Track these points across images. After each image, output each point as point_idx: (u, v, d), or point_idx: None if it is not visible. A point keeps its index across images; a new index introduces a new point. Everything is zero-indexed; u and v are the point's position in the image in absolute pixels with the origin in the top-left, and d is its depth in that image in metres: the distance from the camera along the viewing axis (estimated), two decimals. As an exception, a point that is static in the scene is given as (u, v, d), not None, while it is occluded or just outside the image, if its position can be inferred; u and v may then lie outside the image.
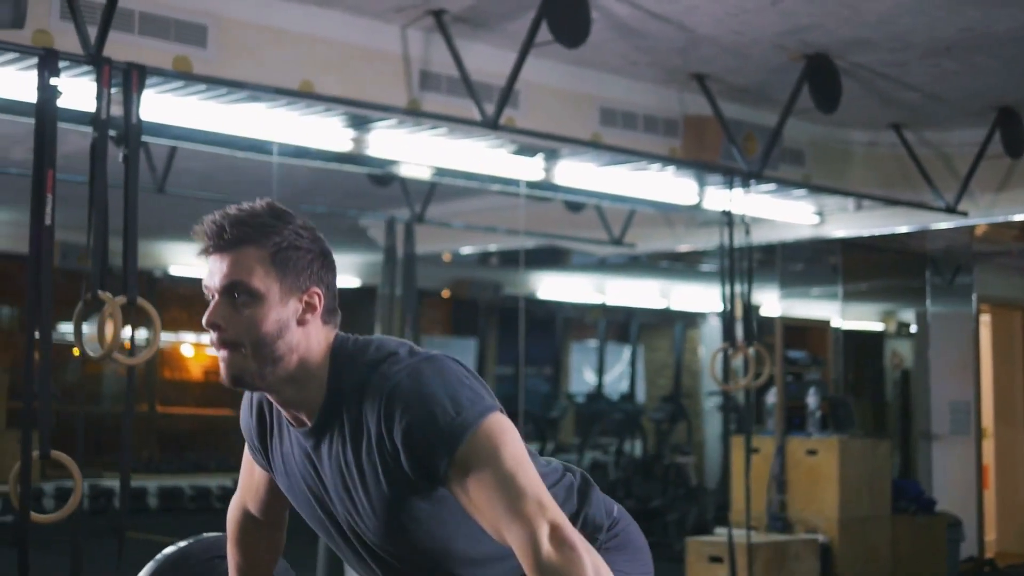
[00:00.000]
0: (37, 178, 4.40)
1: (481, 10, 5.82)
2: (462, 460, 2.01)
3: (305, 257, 2.13)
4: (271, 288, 2.10)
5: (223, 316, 2.10)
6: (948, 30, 5.99)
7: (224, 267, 2.10)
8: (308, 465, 2.23)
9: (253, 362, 2.10)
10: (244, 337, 2.09)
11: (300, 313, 2.12)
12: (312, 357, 2.14)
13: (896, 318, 12.00)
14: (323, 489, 2.23)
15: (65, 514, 4.46)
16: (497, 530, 2.00)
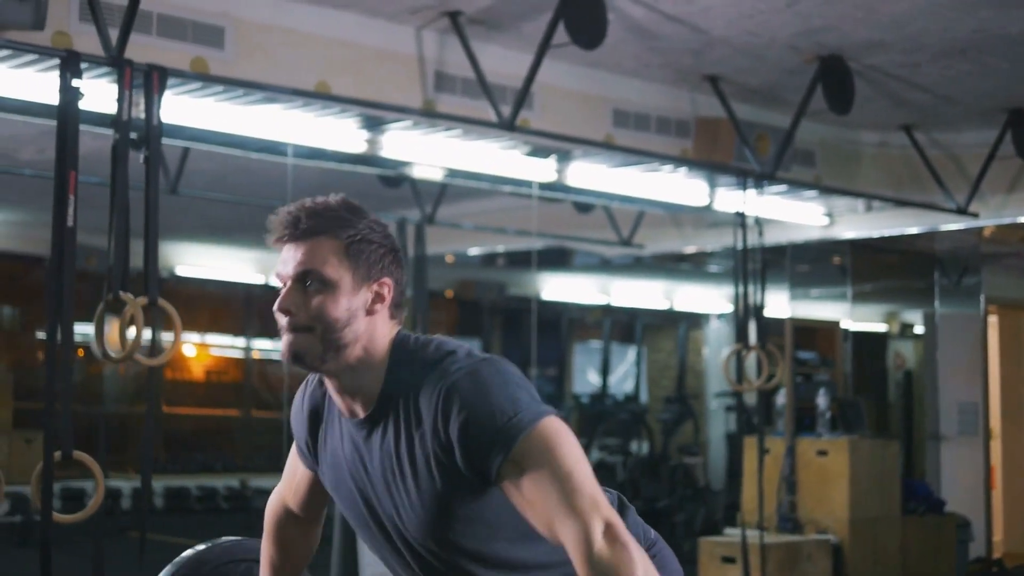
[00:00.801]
0: (59, 179, 4.41)
1: (496, 12, 5.83)
2: (518, 458, 2.03)
3: (377, 251, 2.19)
4: (343, 277, 2.16)
5: (294, 302, 2.16)
6: (962, 31, 6.00)
7: (299, 255, 2.16)
8: (356, 457, 2.26)
9: (319, 346, 2.16)
10: (314, 323, 2.15)
11: (369, 303, 2.19)
12: (375, 348, 2.19)
13: (899, 319, 12.01)
14: (368, 482, 2.25)
15: (87, 514, 4.47)
16: (550, 526, 2.01)
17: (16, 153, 7.76)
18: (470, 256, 10.97)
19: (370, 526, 2.31)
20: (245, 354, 13.14)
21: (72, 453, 4.41)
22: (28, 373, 12.09)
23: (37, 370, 12.17)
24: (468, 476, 2.10)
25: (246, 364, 13.16)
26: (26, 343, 12.26)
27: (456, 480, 2.12)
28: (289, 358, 2.18)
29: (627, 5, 5.69)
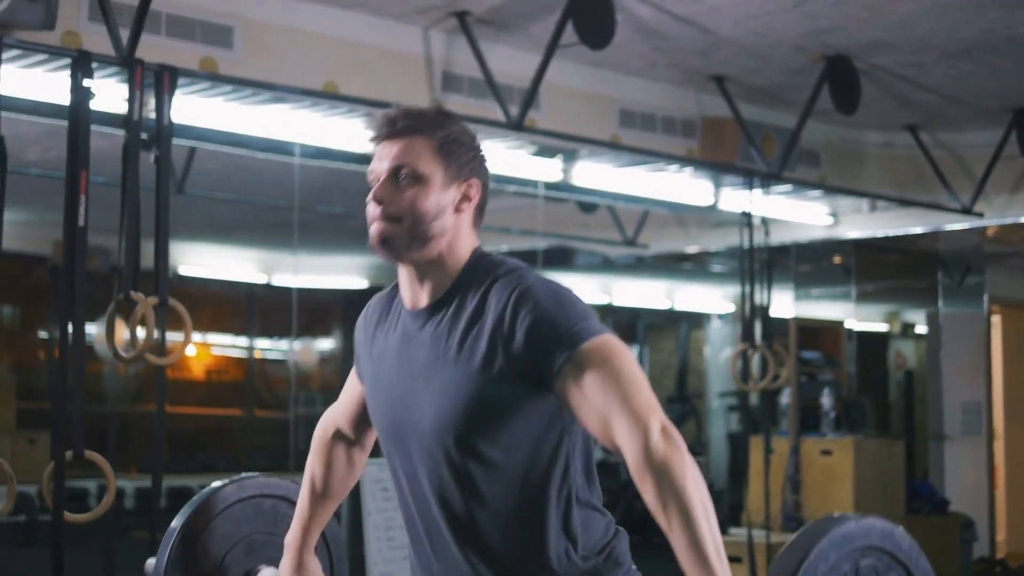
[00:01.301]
0: (71, 179, 4.42)
1: (504, 12, 5.84)
2: (582, 358, 2.10)
3: (467, 153, 2.32)
4: (435, 173, 2.27)
5: (388, 193, 2.27)
6: (969, 32, 6.01)
7: (394, 151, 2.28)
8: (404, 350, 2.32)
9: (406, 235, 2.26)
10: (405, 213, 2.26)
11: (457, 202, 2.30)
12: (457, 246, 2.31)
13: (900, 318, 12.03)
14: (409, 374, 2.30)
15: (98, 513, 4.48)
16: (605, 423, 2.07)
17: (21, 153, 7.76)
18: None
19: (396, 432, 2.34)
20: (248, 354, 13.14)
21: (84, 453, 4.42)
22: (30, 373, 12.09)
23: (39, 370, 12.18)
24: (522, 371, 2.15)
25: (249, 364, 13.15)
26: (28, 343, 12.26)
27: (501, 376, 2.17)
28: (377, 243, 2.28)
29: (635, 5, 5.70)
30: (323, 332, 13.48)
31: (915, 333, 12.04)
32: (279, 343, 13.26)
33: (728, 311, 13.21)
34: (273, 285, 11.60)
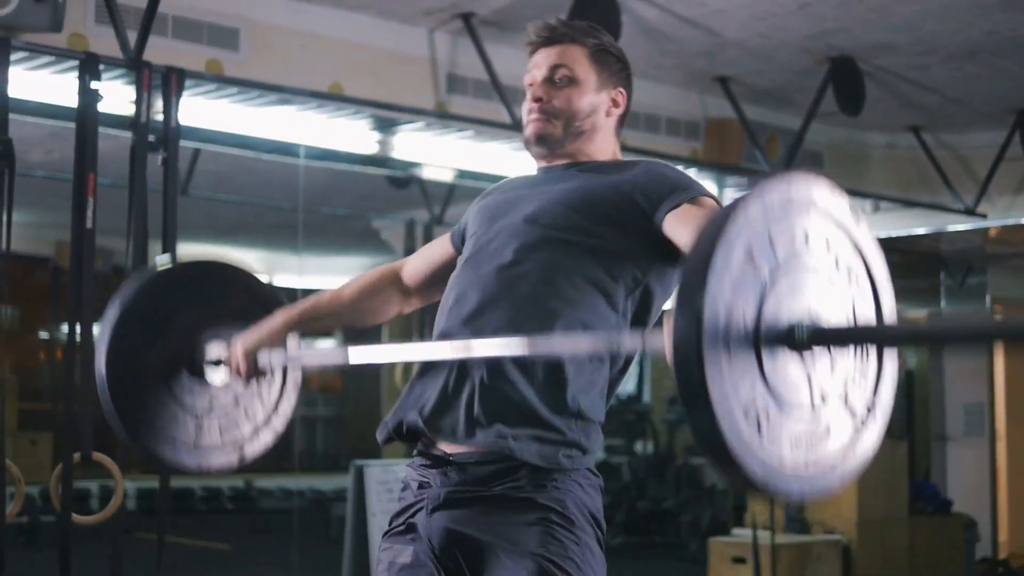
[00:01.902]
0: (78, 181, 4.43)
1: (509, 13, 5.85)
2: (688, 202, 2.31)
3: (617, 63, 2.53)
4: (589, 76, 2.47)
5: (547, 92, 2.46)
6: (973, 34, 6.02)
7: (552, 56, 2.47)
8: (526, 191, 2.48)
9: (560, 130, 2.46)
10: (560, 110, 2.45)
11: (607, 107, 2.49)
12: (603, 148, 2.50)
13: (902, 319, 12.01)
14: (535, 192, 2.45)
15: (107, 515, 4.48)
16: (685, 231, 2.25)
17: (25, 154, 7.74)
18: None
19: (491, 231, 2.44)
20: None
21: (92, 454, 4.43)
22: (32, 374, 12.10)
23: (40, 371, 12.20)
24: (634, 199, 2.33)
25: (250, 365, 13.15)
26: (30, 344, 12.27)
27: (622, 196, 2.35)
28: (533, 139, 2.47)
29: (640, 7, 5.71)
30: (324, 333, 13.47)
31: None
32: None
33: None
34: (276, 286, 11.60)
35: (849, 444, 1.89)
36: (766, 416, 1.74)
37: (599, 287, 2.32)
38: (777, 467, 1.75)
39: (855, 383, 1.90)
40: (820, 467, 1.82)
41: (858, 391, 1.90)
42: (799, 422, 1.79)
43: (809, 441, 1.81)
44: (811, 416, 1.82)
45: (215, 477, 12.28)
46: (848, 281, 1.89)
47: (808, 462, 1.80)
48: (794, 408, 1.79)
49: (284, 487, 11.95)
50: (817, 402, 1.82)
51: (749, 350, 1.73)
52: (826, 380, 1.83)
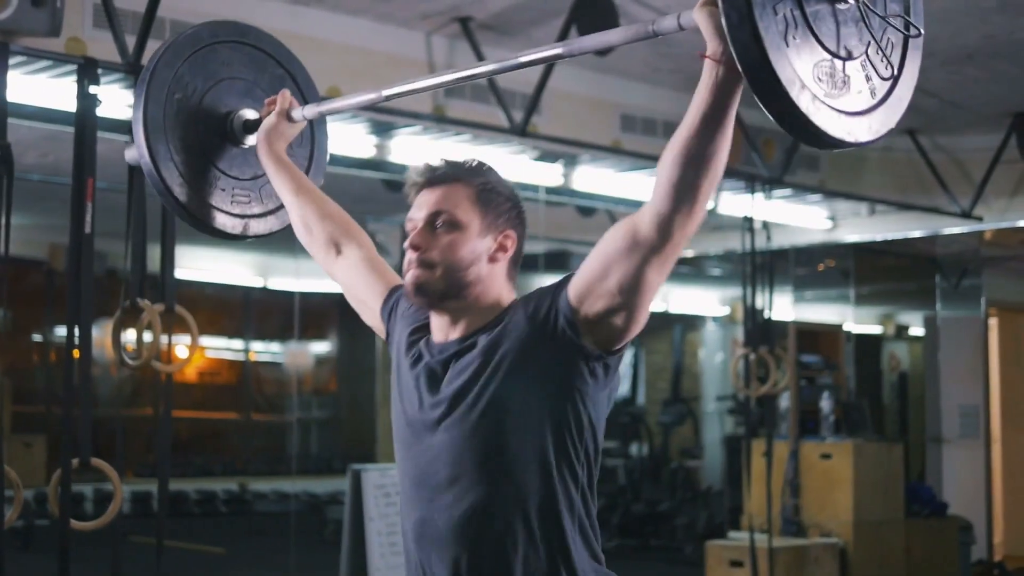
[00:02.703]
0: (77, 186, 4.40)
1: (506, 17, 5.85)
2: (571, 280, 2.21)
3: (505, 203, 2.35)
4: (472, 221, 2.30)
5: (425, 240, 2.30)
6: (971, 37, 6.03)
7: (432, 198, 2.32)
8: (429, 380, 2.31)
9: (441, 281, 2.28)
10: (440, 259, 2.28)
11: (493, 251, 2.32)
12: (491, 296, 2.31)
13: (894, 321, 12.04)
14: (430, 403, 2.29)
15: (105, 521, 4.46)
16: (607, 251, 2.15)
17: (20, 157, 7.72)
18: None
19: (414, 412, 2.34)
20: (244, 357, 13.13)
21: (90, 459, 4.41)
22: (25, 376, 12.06)
23: (33, 374, 12.16)
24: (554, 332, 2.19)
25: (245, 367, 13.14)
26: (23, 347, 12.24)
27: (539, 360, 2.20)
28: (412, 290, 2.30)
29: (638, 10, 5.70)
30: (319, 336, 13.48)
31: (909, 335, 12.05)
32: (277, 347, 13.26)
33: (723, 314, 13.23)
34: (269, 288, 11.60)
35: (902, 64, 2.12)
36: (827, 69, 1.93)
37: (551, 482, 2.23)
38: (846, 116, 1.96)
39: (891, 6, 2.07)
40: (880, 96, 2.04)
41: (896, 12, 2.08)
42: (853, 63, 1.98)
43: (866, 75, 2.02)
44: (864, 54, 2.00)
45: (209, 480, 12.24)
46: None
47: (874, 92, 2.03)
48: (847, 50, 1.97)
49: (279, 490, 11.93)
50: (864, 38, 2.00)
51: (797, 7, 1.89)
52: (867, 10, 2.00)
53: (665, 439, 12.55)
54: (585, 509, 2.27)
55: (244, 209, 2.90)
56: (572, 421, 2.21)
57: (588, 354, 2.19)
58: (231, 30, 2.96)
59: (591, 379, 2.21)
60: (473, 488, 2.22)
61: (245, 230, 2.91)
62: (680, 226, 2.10)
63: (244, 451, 12.90)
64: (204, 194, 2.82)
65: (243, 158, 2.90)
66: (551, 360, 2.19)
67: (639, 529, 10.69)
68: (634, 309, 2.16)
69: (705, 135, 2.02)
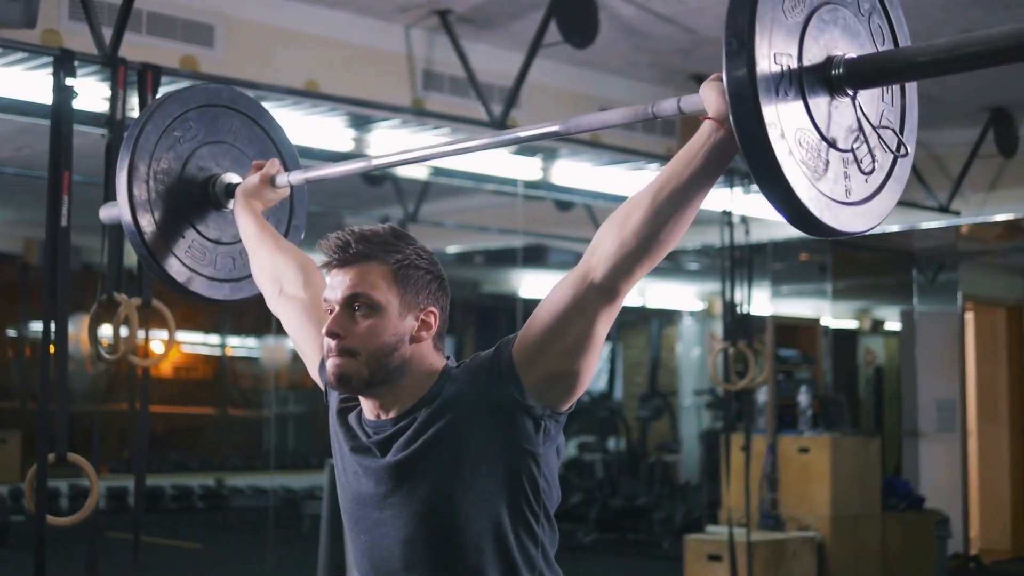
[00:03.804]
0: (53, 179, 4.38)
1: (486, 10, 5.83)
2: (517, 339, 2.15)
3: (424, 277, 2.22)
4: (391, 302, 2.18)
5: (343, 326, 2.17)
6: (949, 31, 6.03)
7: (347, 280, 2.18)
8: (367, 463, 2.23)
9: (365, 369, 2.16)
10: (361, 346, 2.16)
11: (416, 330, 2.20)
12: (419, 373, 2.20)
13: (870, 315, 12.08)
14: (374, 480, 2.22)
15: (82, 516, 4.43)
16: (559, 301, 2.09)
17: (-5, 151, 7.70)
18: (448, 255, 10.94)
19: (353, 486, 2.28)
20: (220, 352, 13.08)
21: (66, 455, 4.38)
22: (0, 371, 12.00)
23: (9, 369, 12.08)
24: (500, 396, 2.12)
25: (221, 362, 13.10)
26: (-2, 341, 12.17)
27: (475, 443, 2.13)
28: (335, 381, 2.18)
29: (618, 4, 5.70)
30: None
31: (885, 330, 12.09)
32: (253, 342, 13.21)
33: (700, 308, 13.24)
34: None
35: (887, 178, 2.10)
36: (816, 153, 1.94)
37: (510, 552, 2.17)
38: (828, 200, 1.94)
39: (887, 117, 2.11)
40: (861, 197, 2.03)
41: (889, 126, 2.10)
42: (841, 155, 1.99)
43: (850, 173, 2.02)
44: (851, 150, 2.01)
45: (186, 475, 12.20)
46: (869, 21, 2.09)
47: (850, 192, 2.00)
48: (837, 142, 1.98)
49: (256, 485, 11.90)
50: (855, 136, 2.02)
51: (797, 92, 1.93)
52: (862, 114, 2.02)
53: (643, 433, 12.56)
54: (545, 562, 2.21)
55: (216, 272, 2.90)
56: (527, 486, 2.15)
57: (536, 415, 2.13)
58: (222, 95, 2.94)
59: (541, 438, 2.15)
60: (433, 570, 2.16)
61: (227, 294, 2.93)
62: (639, 275, 2.06)
63: (221, 446, 12.86)
64: (175, 249, 2.82)
65: (222, 221, 2.90)
66: (498, 427, 2.12)
67: (617, 523, 10.69)
68: (582, 366, 2.11)
69: (691, 192, 2.00)
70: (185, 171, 2.83)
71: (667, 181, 2.01)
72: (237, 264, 2.91)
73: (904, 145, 2.12)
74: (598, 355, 2.13)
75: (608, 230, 2.06)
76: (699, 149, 1.99)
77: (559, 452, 2.22)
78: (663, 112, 2.12)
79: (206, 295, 2.87)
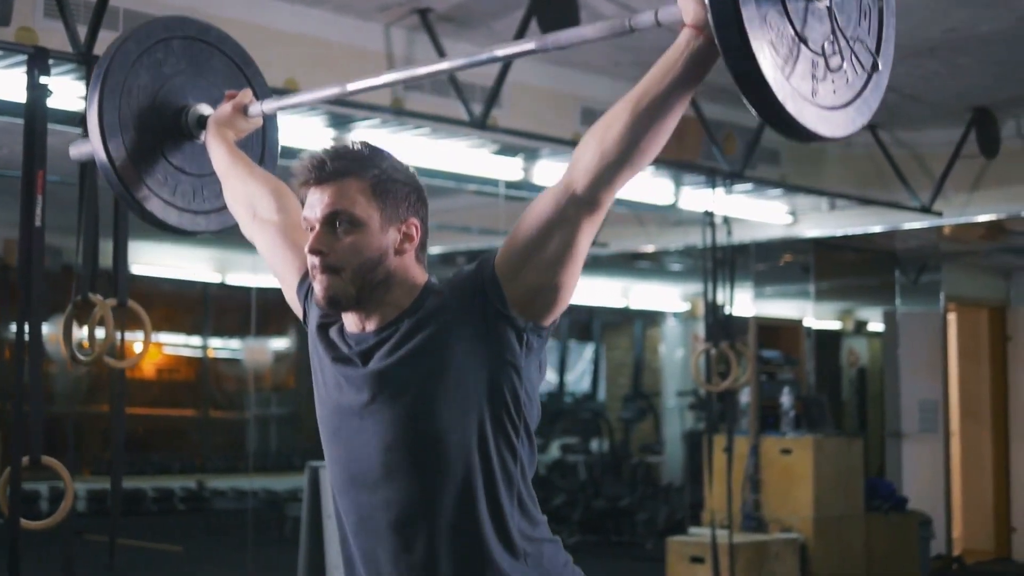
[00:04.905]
0: (27, 179, 4.31)
1: (466, 9, 5.79)
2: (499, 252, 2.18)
3: (403, 190, 2.23)
4: (372, 216, 2.19)
5: (325, 243, 2.18)
6: (933, 31, 6.02)
7: (326, 197, 2.19)
8: (349, 377, 2.24)
9: (351, 287, 2.18)
10: (345, 262, 2.17)
11: (399, 243, 2.21)
12: (403, 286, 2.21)
13: (853, 316, 12.07)
14: (355, 389, 2.23)
15: (56, 520, 4.38)
16: (543, 211, 2.14)
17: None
18: (430, 256, 10.89)
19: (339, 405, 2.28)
20: (202, 353, 13.01)
21: (41, 457, 4.33)
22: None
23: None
24: (483, 311, 2.13)
25: (203, 363, 13.03)
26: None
27: (461, 352, 2.14)
28: (326, 304, 2.20)
29: (599, 3, 5.66)
30: (278, 332, 13.38)
31: (868, 331, 12.08)
32: (234, 343, 13.15)
33: (683, 309, 13.22)
34: (227, 284, 11.49)
35: (858, 95, 2.11)
36: (789, 47, 1.98)
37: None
38: (793, 90, 1.97)
39: (862, 36, 2.12)
40: (828, 104, 2.04)
41: (864, 41, 2.12)
42: (812, 55, 2.01)
43: (818, 75, 2.04)
44: (822, 53, 2.03)
45: (167, 477, 12.13)
46: None
47: (816, 93, 2.02)
48: (809, 41, 2.00)
49: (237, 487, 11.84)
50: (830, 43, 2.04)
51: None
52: (836, 25, 2.05)
53: (626, 435, 12.54)
54: (523, 479, 2.22)
55: (187, 203, 2.89)
56: (509, 397, 2.16)
57: (519, 327, 2.15)
58: (190, 27, 2.94)
59: (524, 351, 2.16)
60: (410, 484, 2.16)
61: (189, 224, 2.92)
62: (620, 183, 2.09)
63: (202, 448, 12.78)
64: (149, 182, 2.82)
65: (194, 153, 2.89)
66: (481, 339, 2.14)
67: (600, 525, 10.67)
68: (564, 279, 2.14)
69: (670, 101, 2.03)
70: (159, 98, 2.82)
71: (647, 91, 2.04)
72: (198, 196, 2.90)
73: (878, 62, 2.12)
74: (580, 268, 2.17)
75: (589, 142, 2.08)
76: (678, 57, 2.02)
77: (541, 368, 2.24)
78: (640, 24, 2.11)
79: (172, 223, 2.87)
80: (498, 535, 2.17)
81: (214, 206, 2.92)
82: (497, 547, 2.16)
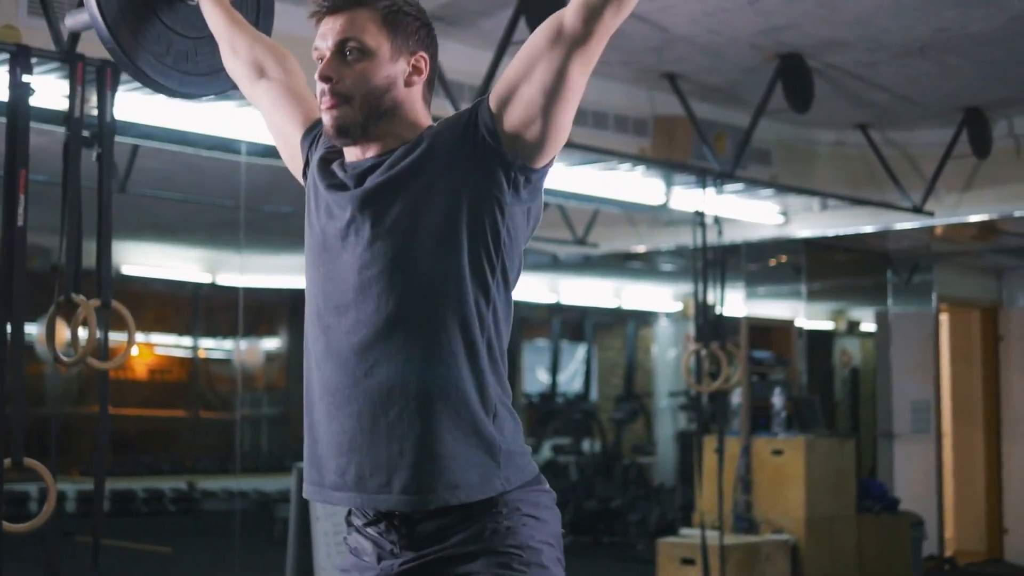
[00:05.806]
0: (9, 178, 4.28)
1: (455, 8, 5.76)
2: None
3: (413, 23, 2.26)
4: (382, 45, 2.22)
5: (335, 70, 2.21)
6: (923, 31, 5.99)
7: (337, 26, 2.22)
8: (338, 192, 2.25)
9: (360, 114, 2.20)
10: (354, 90, 2.20)
11: (408, 75, 2.24)
12: (408, 121, 2.24)
13: (845, 316, 12.05)
14: (341, 208, 2.24)
15: (39, 523, 4.34)
16: (535, 43, 2.16)
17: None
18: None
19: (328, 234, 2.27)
20: (192, 354, 12.97)
21: (23, 460, 4.29)
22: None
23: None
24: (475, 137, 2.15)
25: (193, 364, 12.99)
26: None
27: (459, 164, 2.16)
28: (334, 132, 2.22)
29: (588, 2, 5.63)
30: (269, 332, 13.35)
31: (860, 331, 12.06)
32: (225, 343, 13.11)
33: (675, 310, 13.19)
34: (218, 284, 11.46)
35: None
36: None
37: None
38: None
39: None
40: None
41: None
42: None
43: None
44: None
45: (157, 478, 12.09)
46: None
47: None
48: None
49: (227, 488, 11.80)
50: None
51: None
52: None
53: (617, 435, 12.50)
54: (495, 329, 2.22)
55: (179, 65, 2.87)
56: (488, 231, 2.16)
57: (508, 162, 2.15)
58: None
59: (510, 189, 2.17)
60: (379, 306, 2.15)
61: (181, 84, 2.89)
62: (609, 17, 2.12)
63: (192, 449, 12.75)
64: (145, 43, 2.80)
65: (187, 14, 2.87)
66: (470, 169, 2.15)
67: (591, 526, 10.64)
68: (554, 113, 2.14)
69: None
70: None
71: None
72: (191, 58, 2.88)
73: None
74: (572, 108, 2.17)
75: None
76: None
77: (530, 217, 2.25)
78: None
79: (172, 87, 2.87)
80: (471, 370, 2.18)
81: (206, 69, 2.91)
82: (470, 382, 2.17)
